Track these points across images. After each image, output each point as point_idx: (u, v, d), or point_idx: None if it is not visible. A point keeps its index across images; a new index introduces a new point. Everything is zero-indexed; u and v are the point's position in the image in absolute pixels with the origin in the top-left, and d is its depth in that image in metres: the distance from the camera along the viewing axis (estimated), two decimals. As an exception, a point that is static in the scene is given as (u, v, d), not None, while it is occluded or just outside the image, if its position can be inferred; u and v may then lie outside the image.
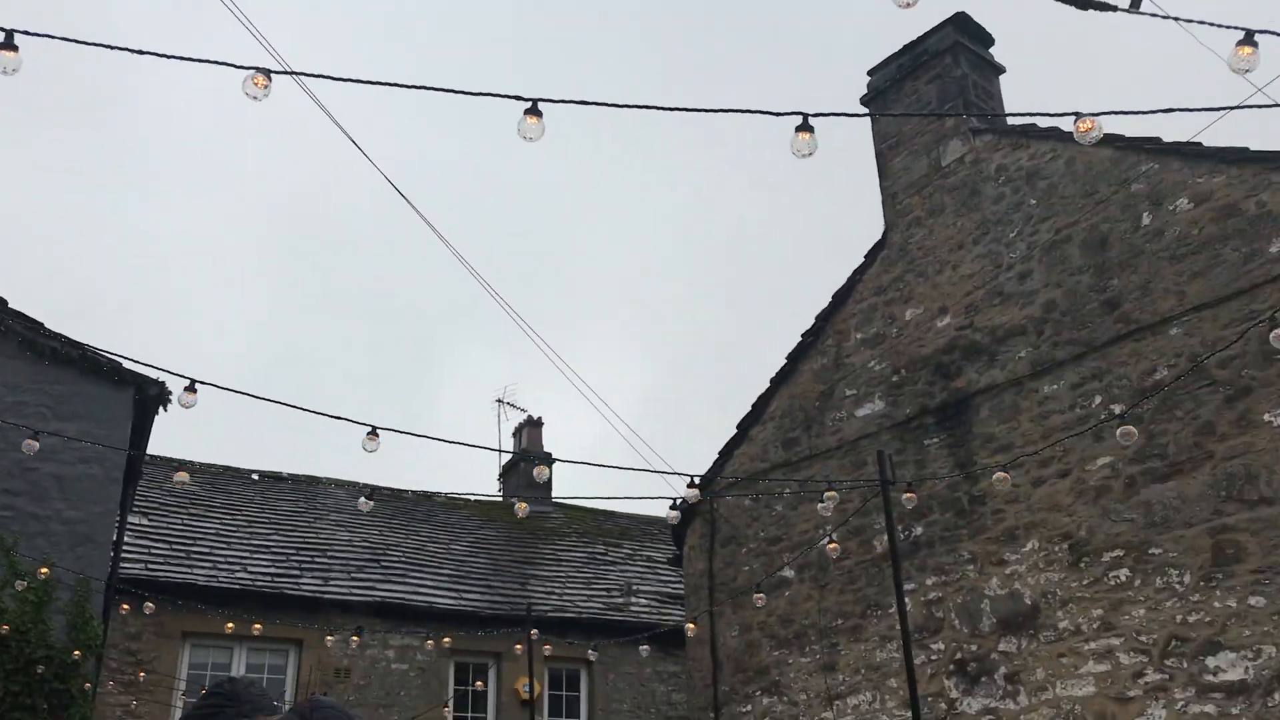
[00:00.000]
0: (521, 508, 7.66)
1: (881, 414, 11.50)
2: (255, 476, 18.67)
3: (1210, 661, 8.40)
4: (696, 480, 8.03)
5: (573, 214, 57.20)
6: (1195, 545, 8.71)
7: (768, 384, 12.88)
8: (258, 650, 14.32)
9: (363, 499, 7.58)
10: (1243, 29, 3.56)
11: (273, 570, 14.94)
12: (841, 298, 12.34)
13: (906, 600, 10.40)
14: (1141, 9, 3.60)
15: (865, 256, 12.23)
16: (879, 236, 12.17)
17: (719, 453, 13.17)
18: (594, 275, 55.89)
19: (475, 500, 20.23)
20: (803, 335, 12.62)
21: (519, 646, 12.83)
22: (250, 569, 14.78)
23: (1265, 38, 3.90)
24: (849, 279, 12.30)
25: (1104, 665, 9.02)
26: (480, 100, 3.70)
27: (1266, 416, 8.53)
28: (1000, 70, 12.19)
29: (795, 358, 12.64)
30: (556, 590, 16.92)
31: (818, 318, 12.52)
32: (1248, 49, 3.67)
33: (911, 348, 11.42)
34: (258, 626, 13.03)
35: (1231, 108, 4.27)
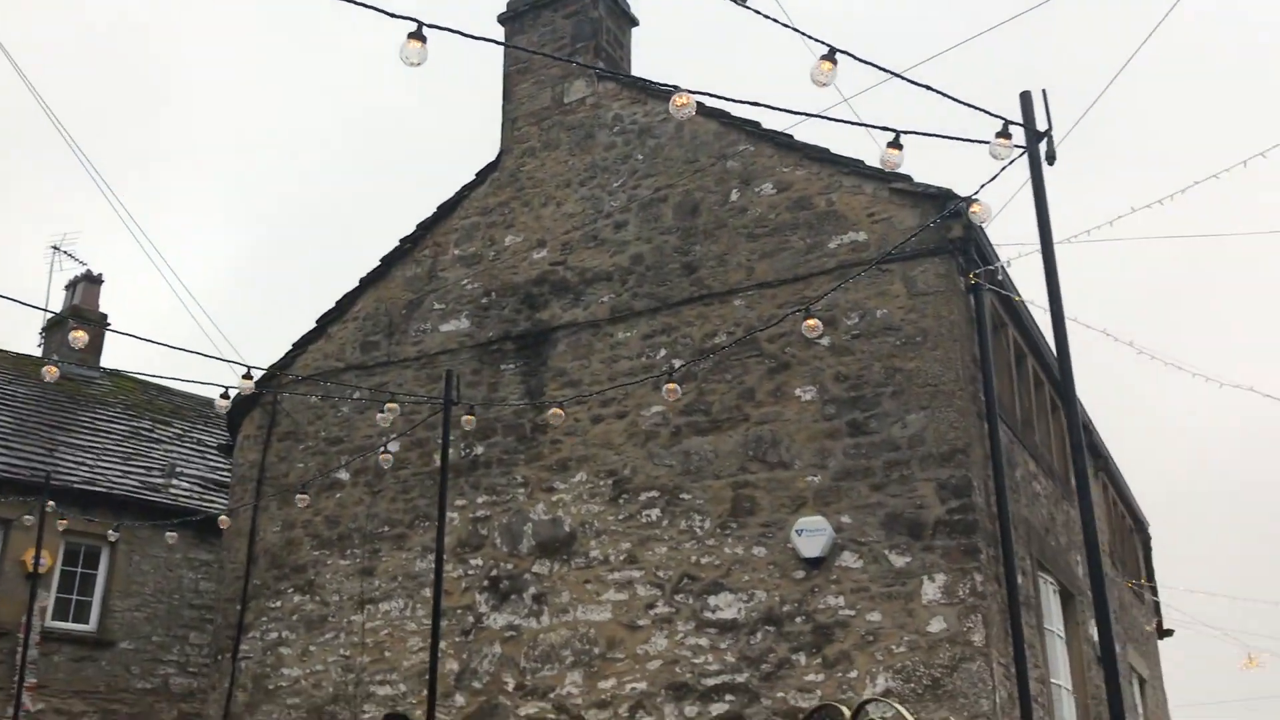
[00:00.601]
0: (50, 372, 6.94)
1: (465, 333, 11.60)
2: None
3: (712, 600, 9.33)
4: (252, 373, 7.69)
5: (184, 71, 52.27)
6: (719, 496, 9.60)
7: (357, 283, 12.57)
8: None
9: None
10: (828, 45, 3.92)
11: None
12: (446, 211, 12.26)
13: (455, 515, 10.66)
14: (749, 5, 3.86)
15: (476, 175, 12.22)
16: (494, 157, 12.20)
17: (293, 345, 12.71)
18: (197, 140, 51.53)
19: (6, 352, 18.13)
20: (400, 240, 12.42)
21: (28, 517, 11.72)
22: None
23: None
24: (456, 194, 12.24)
25: (623, 595, 9.75)
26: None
27: (798, 391, 9.54)
28: (634, 22, 12.55)
29: (389, 261, 12.42)
30: (88, 462, 15.62)
31: (419, 226, 12.36)
32: (828, 64, 4.05)
33: (505, 273, 11.59)
34: None
35: (812, 115, 4.69)
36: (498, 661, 10.15)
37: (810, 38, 3.85)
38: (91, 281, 19.85)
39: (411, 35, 3.91)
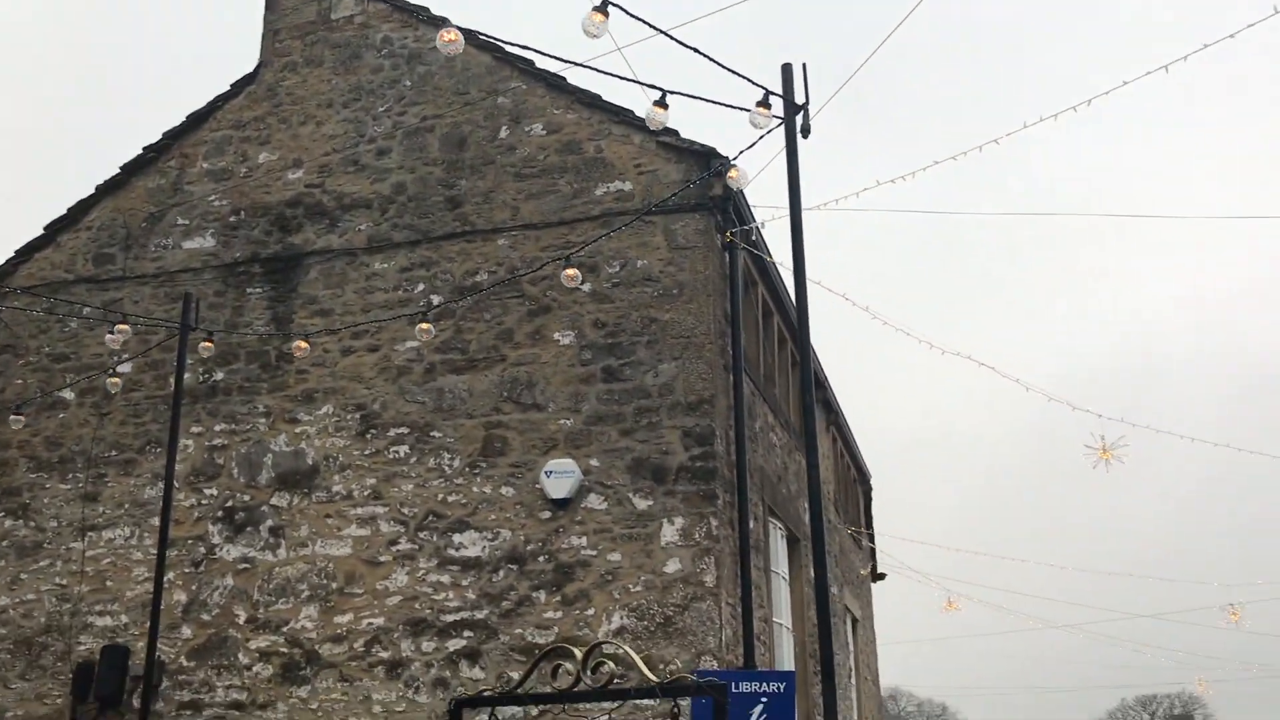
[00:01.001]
0: None
1: (210, 251, 11.02)
2: None
3: (456, 538, 9.36)
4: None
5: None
6: (471, 435, 9.60)
7: (92, 190, 11.69)
8: None
9: None
10: (600, -2, 3.96)
11: None
12: (196, 121, 11.56)
13: (190, 443, 10.20)
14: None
15: (232, 85, 11.56)
16: (253, 69, 11.57)
17: (15, 252, 11.72)
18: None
19: None
20: (144, 148, 11.62)
21: None
22: None
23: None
24: (209, 104, 11.56)
25: (365, 530, 9.62)
26: None
27: (556, 335, 9.63)
28: (412, -55, 12.13)
29: (130, 170, 11.61)
30: None
31: (165, 135, 11.61)
32: (599, 15, 4.09)
33: (257, 192, 11.06)
34: None
35: (581, 64, 4.72)
36: (229, 594, 9.83)
37: (588, -10, 3.87)
38: None
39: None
